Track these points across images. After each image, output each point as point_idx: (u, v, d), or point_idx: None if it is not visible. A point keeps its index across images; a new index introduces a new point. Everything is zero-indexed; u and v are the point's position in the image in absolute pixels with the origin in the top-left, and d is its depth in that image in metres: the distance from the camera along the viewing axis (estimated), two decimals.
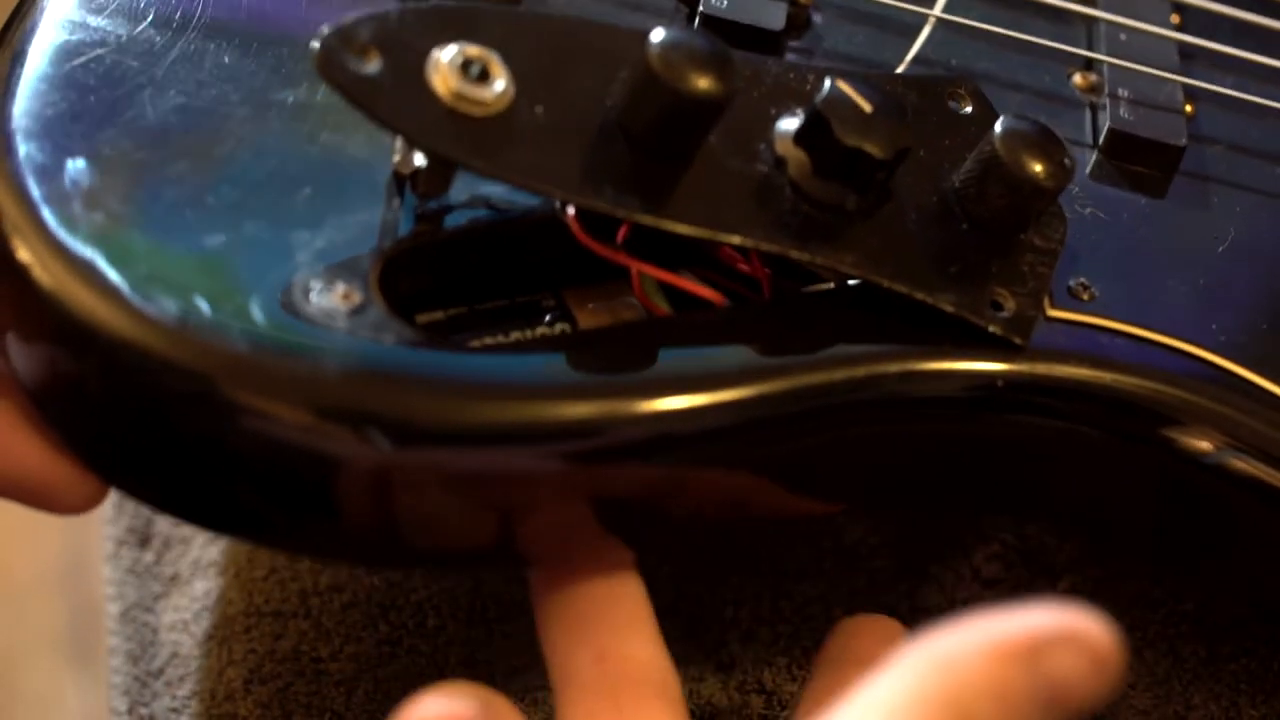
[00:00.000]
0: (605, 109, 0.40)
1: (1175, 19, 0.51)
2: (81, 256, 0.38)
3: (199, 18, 0.43)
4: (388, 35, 0.39)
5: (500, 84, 0.40)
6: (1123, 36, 0.50)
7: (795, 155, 0.41)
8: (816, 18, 0.49)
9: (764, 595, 0.51)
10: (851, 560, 0.52)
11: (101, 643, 0.54)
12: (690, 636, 0.50)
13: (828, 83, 0.41)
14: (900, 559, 0.52)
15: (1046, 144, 0.42)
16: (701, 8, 0.47)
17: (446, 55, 0.39)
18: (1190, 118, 0.49)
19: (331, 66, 0.38)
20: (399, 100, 0.39)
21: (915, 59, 0.48)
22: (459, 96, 0.39)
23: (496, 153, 0.39)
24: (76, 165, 0.40)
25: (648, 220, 0.40)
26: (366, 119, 0.39)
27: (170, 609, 0.52)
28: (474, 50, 0.39)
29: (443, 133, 0.39)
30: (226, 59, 0.43)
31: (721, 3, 0.47)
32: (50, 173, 0.40)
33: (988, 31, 0.49)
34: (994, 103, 0.45)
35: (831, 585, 0.52)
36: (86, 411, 0.40)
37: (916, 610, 0.51)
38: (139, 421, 0.39)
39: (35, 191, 0.39)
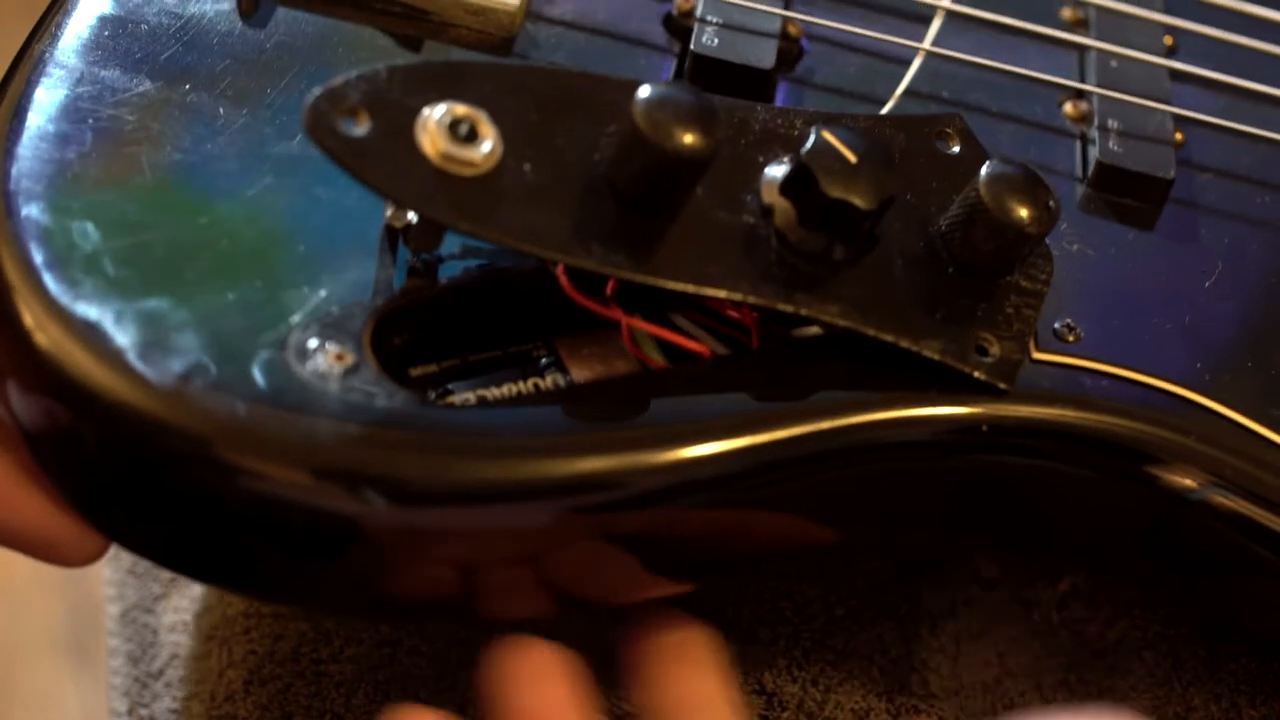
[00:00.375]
0: (593, 164, 0.41)
1: (1168, 41, 0.51)
2: (81, 321, 0.39)
3: (194, 69, 0.44)
4: (377, 96, 0.39)
5: (488, 144, 0.40)
6: (1113, 63, 0.49)
7: (781, 205, 0.42)
8: (808, 50, 0.49)
9: (764, 595, 0.51)
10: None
11: (101, 643, 0.54)
12: None
13: (813, 133, 0.41)
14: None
15: (1032, 188, 0.42)
16: (693, 47, 0.47)
17: (435, 115, 0.39)
18: (1179, 145, 0.49)
19: (321, 130, 0.39)
20: (388, 163, 0.39)
21: (906, 91, 0.48)
22: (447, 158, 0.39)
23: (485, 214, 0.39)
24: (77, 227, 0.40)
25: (636, 278, 0.40)
26: (356, 181, 0.39)
27: (170, 610, 0.53)
28: (462, 109, 0.40)
29: (432, 195, 0.39)
30: (222, 111, 0.43)
31: (712, 41, 0.47)
32: (51, 235, 0.40)
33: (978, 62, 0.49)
34: (985, 134, 0.45)
35: (831, 585, 0.52)
36: (83, 469, 0.40)
37: (916, 611, 0.52)
38: (136, 481, 0.40)
39: (36, 256, 0.40)
